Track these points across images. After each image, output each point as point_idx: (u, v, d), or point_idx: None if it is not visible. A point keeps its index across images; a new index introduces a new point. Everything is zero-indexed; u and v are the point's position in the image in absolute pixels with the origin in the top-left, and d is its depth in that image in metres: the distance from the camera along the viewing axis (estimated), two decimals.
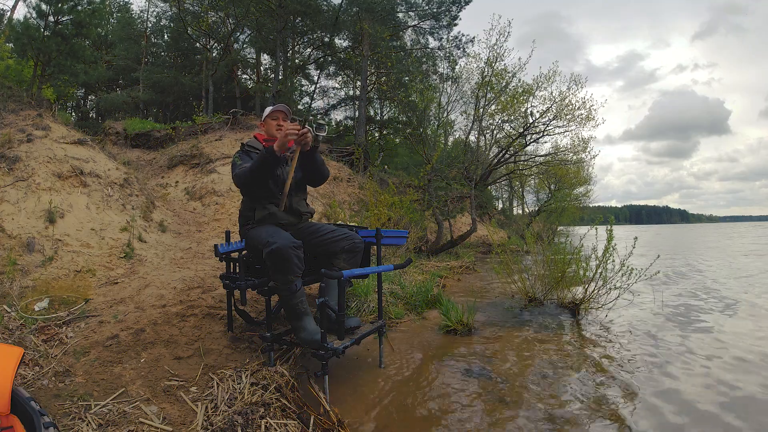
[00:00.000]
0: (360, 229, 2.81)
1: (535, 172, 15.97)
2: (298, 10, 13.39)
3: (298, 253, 2.18)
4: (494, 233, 13.53)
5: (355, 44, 15.67)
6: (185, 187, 7.17)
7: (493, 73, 9.84)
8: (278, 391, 2.16)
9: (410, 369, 2.71)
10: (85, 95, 19.28)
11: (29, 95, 5.98)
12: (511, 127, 13.87)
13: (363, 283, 3.80)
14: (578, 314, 4.00)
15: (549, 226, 16.12)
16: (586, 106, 12.74)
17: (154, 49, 19.93)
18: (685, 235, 31.57)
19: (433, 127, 10.06)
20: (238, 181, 2.36)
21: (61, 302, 2.97)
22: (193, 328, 2.75)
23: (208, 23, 14.62)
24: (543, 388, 2.39)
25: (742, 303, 4.60)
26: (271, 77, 16.00)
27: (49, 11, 7.45)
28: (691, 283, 6.16)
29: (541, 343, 3.24)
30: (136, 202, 4.98)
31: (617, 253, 3.89)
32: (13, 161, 4.11)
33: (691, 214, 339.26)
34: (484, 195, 15.96)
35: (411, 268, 6.04)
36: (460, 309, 3.61)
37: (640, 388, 2.34)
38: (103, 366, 2.27)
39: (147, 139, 10.14)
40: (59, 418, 1.83)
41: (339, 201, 8.22)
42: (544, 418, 2.05)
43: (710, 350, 3.00)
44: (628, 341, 3.23)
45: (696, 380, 2.46)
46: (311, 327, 2.22)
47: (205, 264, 4.11)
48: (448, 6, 15.84)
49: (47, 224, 3.72)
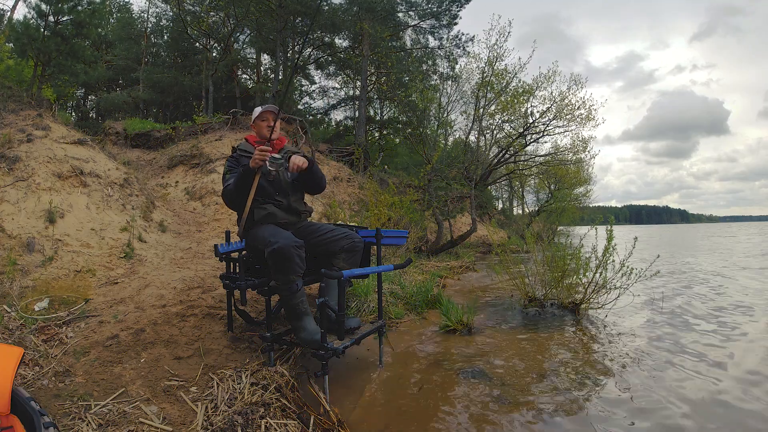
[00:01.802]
0: (360, 229, 2.81)
1: (535, 172, 15.97)
2: (298, 10, 13.39)
3: (300, 253, 2.18)
4: (494, 233, 13.53)
5: (355, 44, 15.67)
6: (185, 187, 7.17)
7: (493, 73, 9.83)
8: (278, 391, 2.16)
9: (410, 369, 2.71)
10: (85, 95, 19.28)
11: (29, 95, 5.97)
12: (511, 127, 13.88)
13: (363, 283, 3.80)
14: (578, 314, 4.00)
15: (549, 226, 16.12)
16: (586, 106, 12.74)
17: (154, 49, 19.92)
18: (688, 235, 31.56)
19: (433, 127, 10.06)
20: (225, 200, 2.46)
21: (61, 302, 2.97)
22: (193, 328, 2.75)
23: (208, 23, 14.62)
24: (543, 388, 2.39)
25: (742, 302, 4.60)
26: (271, 77, 16.00)
27: (49, 11, 7.45)
28: (691, 283, 6.16)
29: (541, 343, 3.24)
30: (136, 202, 4.98)
31: (617, 253, 3.89)
32: (13, 161, 4.11)
33: (691, 214, 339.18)
34: (484, 195, 15.96)
35: (411, 268, 6.04)
36: (460, 309, 3.62)
37: (641, 388, 2.34)
38: (103, 366, 2.27)
39: (147, 139, 10.13)
40: (59, 418, 1.83)
41: (339, 201, 8.22)
42: (544, 419, 2.05)
43: (710, 350, 3.00)
44: (628, 341, 3.23)
45: (696, 380, 2.46)
46: (311, 327, 2.22)
47: (205, 264, 4.11)
48: (448, 5, 15.84)
49: (47, 224, 3.72)
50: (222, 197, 2.48)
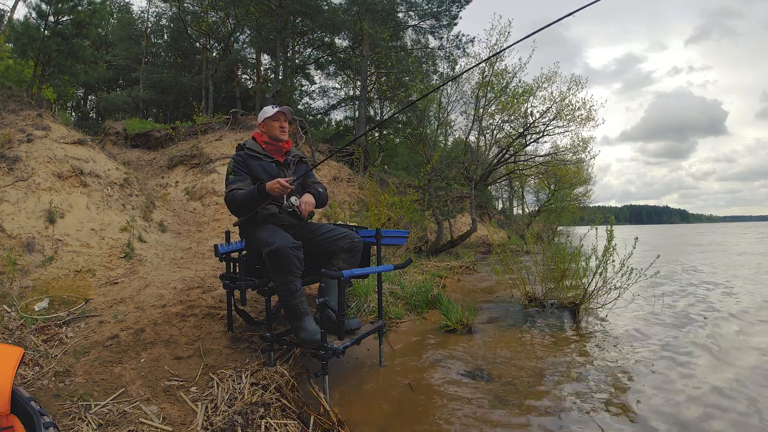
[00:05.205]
0: (360, 229, 2.81)
1: (535, 172, 15.98)
2: (298, 10, 13.38)
3: (297, 254, 2.18)
4: (494, 233, 13.53)
5: (355, 44, 15.66)
6: (185, 187, 7.17)
7: (494, 73, 9.82)
8: (278, 391, 2.16)
9: (410, 369, 2.71)
10: (85, 95, 19.26)
11: (29, 95, 5.97)
12: (511, 127, 13.88)
13: (363, 283, 3.80)
14: (578, 314, 4.00)
15: (549, 226, 16.12)
16: (586, 107, 12.75)
17: (154, 49, 19.91)
18: (693, 235, 31.57)
19: (433, 127, 10.05)
20: (229, 204, 2.36)
21: (61, 302, 2.97)
22: (193, 328, 2.75)
23: (208, 23, 14.61)
24: (543, 388, 2.39)
25: (741, 303, 4.60)
26: (271, 77, 16.00)
27: (49, 11, 7.45)
28: (691, 283, 6.15)
29: (542, 343, 3.24)
30: (136, 202, 4.98)
31: (617, 253, 3.89)
32: (13, 161, 4.11)
33: (691, 214, 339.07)
34: (484, 195, 15.95)
35: (411, 268, 6.04)
36: (460, 309, 3.61)
37: (640, 388, 2.34)
38: (103, 366, 2.27)
39: (147, 139, 10.13)
40: (59, 418, 1.83)
41: (339, 201, 8.22)
42: (545, 418, 2.05)
43: (710, 350, 3.00)
44: (628, 341, 3.23)
45: (696, 380, 2.46)
46: (311, 327, 2.22)
47: (205, 264, 4.11)
48: (448, 5, 15.84)
49: (47, 224, 3.72)
50: (226, 201, 2.37)
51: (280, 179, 2.23)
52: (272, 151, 2.55)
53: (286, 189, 2.22)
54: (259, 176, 2.41)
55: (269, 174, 2.44)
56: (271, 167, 2.48)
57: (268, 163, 2.49)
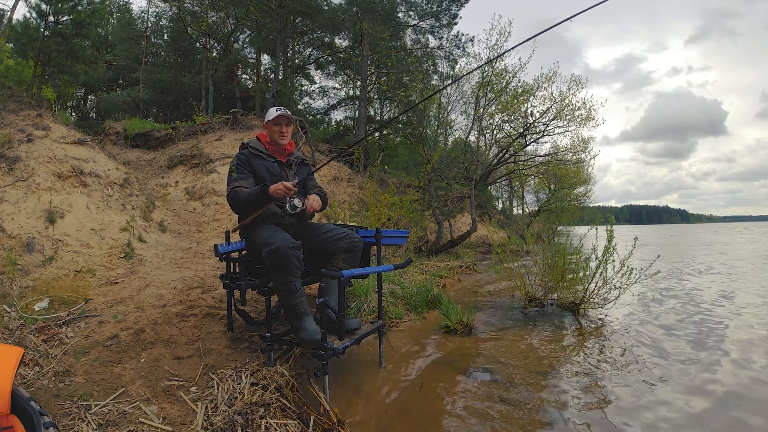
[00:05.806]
0: (360, 229, 2.81)
1: (535, 172, 15.99)
2: (298, 10, 13.38)
3: (297, 254, 2.18)
4: (494, 233, 13.52)
5: (355, 44, 15.66)
6: (185, 187, 7.17)
7: (494, 72, 9.82)
8: (278, 391, 2.16)
9: (410, 369, 2.71)
10: (85, 95, 19.25)
11: (29, 95, 5.98)
12: (511, 127, 13.88)
13: (363, 283, 3.80)
14: (578, 314, 4.00)
15: (549, 226, 16.11)
16: (585, 107, 12.75)
17: (154, 49, 19.90)
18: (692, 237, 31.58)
19: (433, 127, 10.05)
20: (230, 202, 2.39)
21: (61, 302, 2.97)
22: (193, 328, 2.75)
23: (208, 23, 14.61)
24: (543, 388, 2.39)
25: (741, 302, 4.59)
26: (271, 77, 15.99)
27: (49, 11, 7.46)
28: (691, 283, 6.15)
29: (541, 343, 3.24)
30: (136, 202, 4.98)
31: (617, 253, 3.89)
32: (13, 161, 4.11)
33: (691, 214, 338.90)
34: (484, 195, 15.95)
35: (411, 268, 6.04)
36: (460, 309, 3.61)
37: (641, 387, 2.34)
38: (103, 366, 2.27)
39: (147, 139, 10.13)
40: (59, 418, 1.83)
41: (339, 201, 8.22)
42: (545, 418, 2.05)
43: (710, 350, 3.00)
44: (628, 341, 3.23)
45: (696, 380, 2.46)
46: (311, 327, 2.22)
47: (205, 264, 4.11)
48: (447, 5, 15.83)
49: (47, 224, 3.72)
50: (228, 199, 2.39)
51: (284, 182, 2.25)
52: (275, 152, 2.57)
53: (289, 191, 2.24)
54: (261, 175, 2.43)
55: (271, 173, 2.46)
56: (274, 167, 2.51)
57: (271, 162, 2.52)
